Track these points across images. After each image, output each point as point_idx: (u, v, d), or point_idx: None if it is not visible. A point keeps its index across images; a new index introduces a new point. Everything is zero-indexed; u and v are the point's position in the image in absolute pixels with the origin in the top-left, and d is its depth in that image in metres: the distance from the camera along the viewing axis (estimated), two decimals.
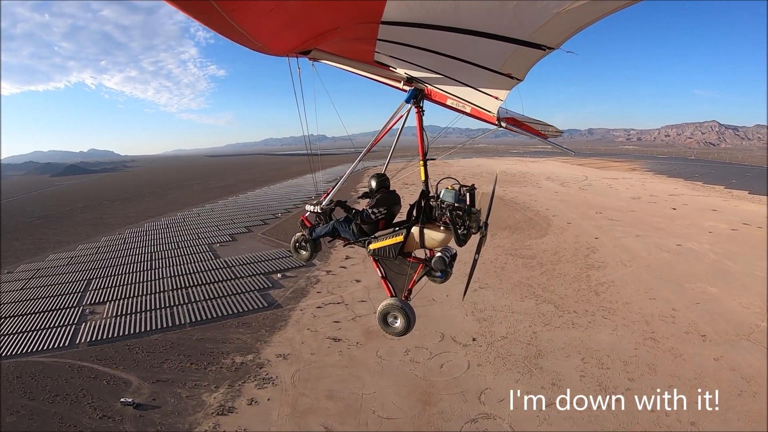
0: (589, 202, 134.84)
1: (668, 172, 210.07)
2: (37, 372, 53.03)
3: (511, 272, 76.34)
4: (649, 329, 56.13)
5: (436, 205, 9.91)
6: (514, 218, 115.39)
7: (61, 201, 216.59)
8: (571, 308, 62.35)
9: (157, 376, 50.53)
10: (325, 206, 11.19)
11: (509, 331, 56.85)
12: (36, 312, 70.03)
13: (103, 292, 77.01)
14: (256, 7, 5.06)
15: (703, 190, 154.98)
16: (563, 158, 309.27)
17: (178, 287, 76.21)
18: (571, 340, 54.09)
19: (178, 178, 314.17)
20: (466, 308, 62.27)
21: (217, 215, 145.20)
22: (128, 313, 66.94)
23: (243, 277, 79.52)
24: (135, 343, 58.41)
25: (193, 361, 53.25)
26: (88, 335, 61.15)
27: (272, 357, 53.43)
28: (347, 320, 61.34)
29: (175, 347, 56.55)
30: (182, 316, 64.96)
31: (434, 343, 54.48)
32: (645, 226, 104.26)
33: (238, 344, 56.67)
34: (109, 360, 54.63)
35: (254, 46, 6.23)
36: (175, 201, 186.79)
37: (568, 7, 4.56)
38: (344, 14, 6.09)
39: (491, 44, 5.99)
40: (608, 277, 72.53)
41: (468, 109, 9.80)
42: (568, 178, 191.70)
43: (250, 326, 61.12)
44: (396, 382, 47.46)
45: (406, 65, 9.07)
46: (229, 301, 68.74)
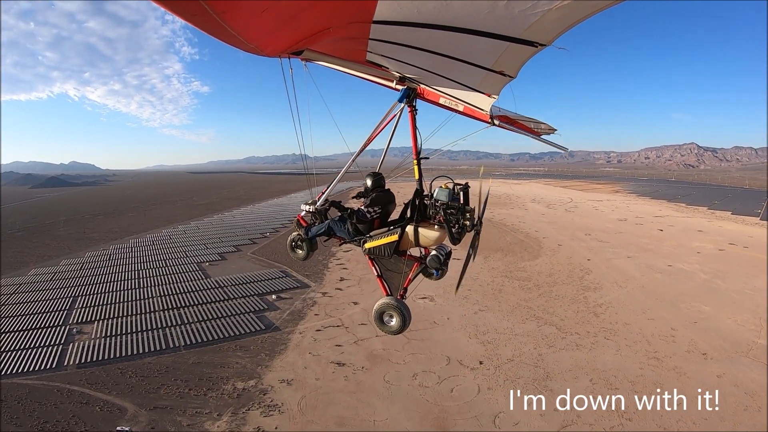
0: (577, 224, 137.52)
1: (651, 194, 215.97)
2: (23, 395, 50.38)
3: (509, 294, 76.65)
4: (652, 349, 57.15)
5: (431, 203, 9.91)
6: (505, 240, 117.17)
7: (42, 213, 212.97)
8: (573, 330, 62.93)
9: (154, 403, 48.16)
10: (320, 206, 11.13)
11: (515, 353, 56.83)
12: (20, 329, 67.29)
13: (90, 310, 74.38)
14: (248, 9, 5.02)
15: (687, 212, 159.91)
16: (546, 180, 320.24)
17: (170, 307, 73.83)
18: (577, 362, 54.41)
19: (161, 194, 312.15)
20: (468, 331, 62.43)
21: (204, 233, 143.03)
22: (118, 334, 64.46)
23: (236, 298, 77.47)
24: (127, 366, 55.93)
25: (191, 386, 51.01)
26: (76, 357, 58.59)
27: (275, 382, 51.58)
28: (349, 344, 60.01)
29: (171, 371, 54.22)
30: (176, 338, 62.66)
31: (441, 366, 53.99)
32: (634, 247, 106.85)
33: (238, 369, 54.61)
34: (101, 384, 52.11)
35: (246, 47, 6.19)
36: (159, 217, 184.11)
37: (559, 4, 4.53)
38: (336, 14, 6.07)
39: (483, 42, 6.00)
40: (605, 299, 73.71)
41: (461, 108, 9.86)
42: (554, 200, 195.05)
43: (249, 350, 59.11)
44: (407, 408, 46.61)
45: (399, 64, 8.95)
46: (224, 323, 66.64)
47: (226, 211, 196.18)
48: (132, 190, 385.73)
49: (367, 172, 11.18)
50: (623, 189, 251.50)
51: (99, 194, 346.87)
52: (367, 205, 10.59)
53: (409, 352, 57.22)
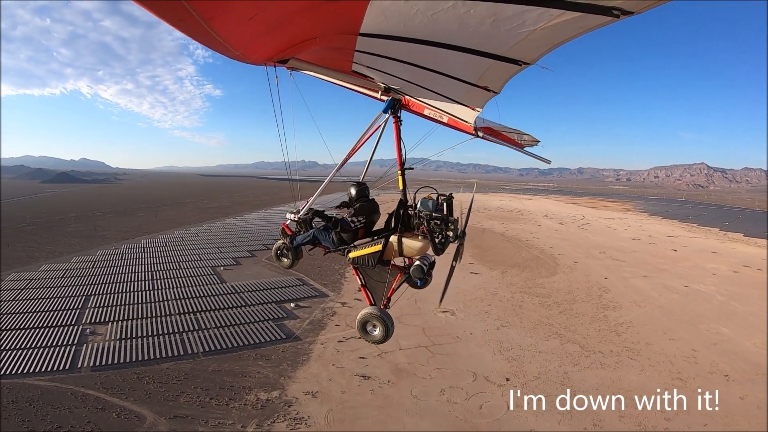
0: (591, 242, 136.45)
1: (662, 214, 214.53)
2: (35, 397, 48.41)
3: (529, 311, 75.83)
4: (675, 370, 56.59)
5: (415, 214, 10.14)
6: (521, 256, 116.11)
7: (52, 209, 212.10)
8: (596, 348, 62.17)
9: (174, 412, 46.32)
10: (304, 215, 11.41)
11: (541, 371, 55.94)
12: (31, 327, 65.49)
13: (103, 310, 72.56)
14: (235, 15, 4.92)
15: (699, 232, 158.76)
16: (556, 196, 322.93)
17: (186, 311, 72.08)
18: (602, 381, 53.68)
19: (171, 195, 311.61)
20: (492, 347, 61.72)
21: (217, 237, 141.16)
22: (133, 337, 62.71)
23: (254, 304, 75.66)
24: (144, 371, 54.14)
25: (212, 395, 49.24)
26: (90, 359, 56.74)
27: (300, 394, 50.00)
28: (373, 356, 58.50)
29: (191, 379, 52.45)
30: (194, 344, 60.93)
31: (468, 382, 52.83)
32: (649, 267, 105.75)
33: (260, 379, 52.91)
34: (117, 389, 50.24)
35: (232, 55, 6.17)
36: (170, 218, 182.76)
37: (543, 25, 4.70)
38: (323, 25, 6.13)
39: (468, 58, 6.11)
40: (625, 318, 72.86)
41: (445, 119, 10.13)
42: (566, 217, 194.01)
43: (270, 359, 57.42)
44: (437, 425, 45.44)
45: (384, 76, 9.16)
46: (243, 330, 64.90)
47: (238, 215, 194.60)
48: (142, 189, 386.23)
49: (351, 183, 11.32)
50: (634, 207, 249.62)
51: (109, 192, 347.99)
52: (351, 214, 10.79)
53: (434, 367, 56.13)
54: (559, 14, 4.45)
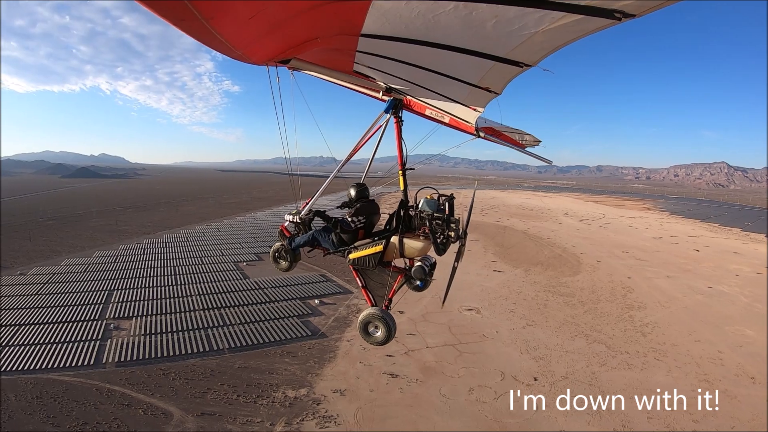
0: (613, 241, 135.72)
1: (683, 213, 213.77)
2: (59, 393, 48.04)
3: (554, 310, 75.47)
4: (701, 371, 56.43)
5: (416, 214, 9.97)
6: (543, 254, 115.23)
7: (73, 203, 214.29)
8: (623, 349, 61.80)
9: (202, 409, 45.84)
10: (304, 216, 11.22)
11: (568, 371, 55.69)
12: (55, 322, 65.34)
13: (126, 305, 72.43)
14: (236, 15, 4.93)
15: (720, 232, 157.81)
16: (576, 194, 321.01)
17: (210, 307, 71.74)
18: (630, 382, 53.33)
19: (191, 191, 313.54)
20: (519, 346, 61.77)
21: (238, 232, 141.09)
22: (158, 333, 62.40)
23: (278, 300, 75.22)
24: (170, 367, 53.69)
25: (239, 392, 48.70)
26: (115, 354, 56.52)
27: (328, 392, 49.53)
28: (400, 354, 58.18)
29: (217, 375, 51.94)
30: (219, 340, 60.52)
31: (496, 382, 52.72)
32: (673, 267, 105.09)
33: (287, 376, 52.38)
34: (143, 385, 49.80)
35: (233, 54, 6.10)
36: (191, 214, 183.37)
37: (545, 27, 4.65)
38: (324, 25, 6.07)
39: (469, 59, 6.04)
40: (650, 318, 72.56)
41: (447, 120, 10.09)
42: (586, 215, 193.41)
43: (297, 356, 56.92)
44: (468, 424, 45.19)
45: (386, 76, 9.08)
46: (268, 327, 64.40)
47: (259, 211, 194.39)
48: (162, 185, 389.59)
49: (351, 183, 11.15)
50: (655, 206, 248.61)
51: (129, 187, 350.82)
52: (352, 215, 10.62)
53: (461, 366, 55.74)
54: (561, 17, 4.40)
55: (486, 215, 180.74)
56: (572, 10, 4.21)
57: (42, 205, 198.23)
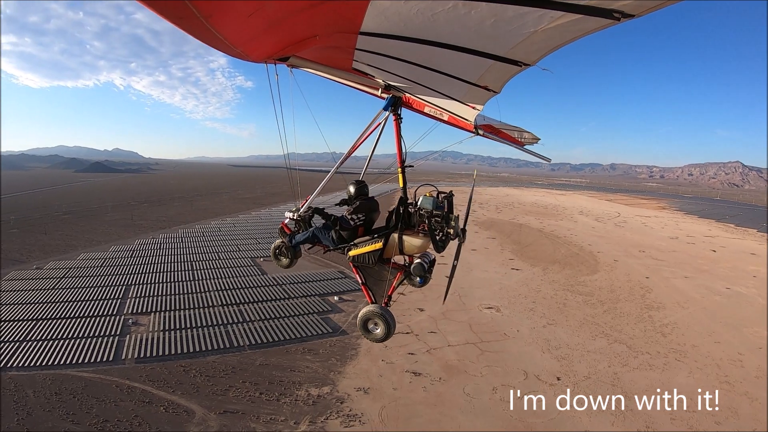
0: (629, 240, 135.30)
1: (698, 213, 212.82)
2: (78, 389, 47.60)
3: (573, 309, 75.28)
4: (722, 373, 56.32)
5: (415, 211, 9.86)
6: (560, 252, 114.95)
7: (88, 198, 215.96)
8: (644, 349, 61.76)
9: (224, 406, 45.35)
10: (304, 213, 11.31)
11: (591, 371, 55.56)
12: (72, 317, 65.18)
13: (144, 300, 72.14)
14: (235, 13, 4.92)
15: (736, 233, 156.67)
16: (590, 192, 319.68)
17: (229, 303, 71.33)
18: (652, 382, 52.96)
19: (205, 185, 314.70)
20: (540, 345, 61.88)
21: (254, 227, 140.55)
22: (177, 328, 62.04)
23: (297, 297, 74.73)
24: (190, 364, 53.29)
25: (261, 390, 48.22)
26: (134, 350, 56.14)
27: (351, 390, 49.12)
28: (422, 352, 57.94)
29: (238, 372, 51.49)
30: (239, 336, 60.09)
31: (519, 381, 52.53)
32: (689, 267, 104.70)
33: (310, 374, 51.99)
34: (163, 382, 49.37)
35: (233, 52, 6.10)
36: (206, 208, 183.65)
37: (544, 27, 4.63)
38: (323, 23, 6.05)
39: (468, 58, 6.05)
40: (670, 319, 72.45)
41: (445, 117, 10.07)
42: (602, 214, 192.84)
43: (318, 353, 56.49)
44: (493, 424, 44.93)
45: (384, 74, 9.11)
46: (288, 323, 63.93)
47: (273, 206, 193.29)
48: (176, 179, 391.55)
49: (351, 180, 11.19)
50: (669, 206, 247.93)
51: (143, 182, 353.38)
52: (351, 212, 10.61)
53: (484, 365, 55.46)
54: (559, 16, 4.37)
55: (501, 213, 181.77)
56: (571, 10, 4.22)
57: (57, 200, 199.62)
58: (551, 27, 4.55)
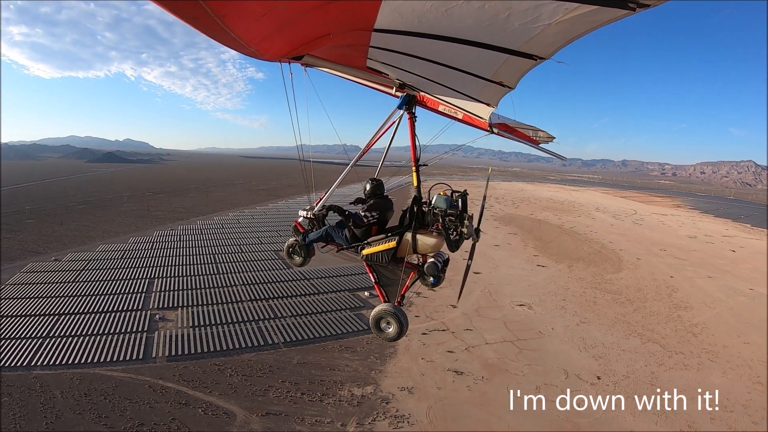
0: (648, 238, 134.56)
1: (714, 212, 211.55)
2: (109, 390, 45.74)
3: (604, 307, 75.00)
4: (754, 374, 56.14)
5: (429, 210, 9.88)
6: (583, 250, 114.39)
7: (102, 188, 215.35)
8: (677, 349, 61.57)
9: (266, 408, 43.77)
10: (318, 212, 11.23)
11: (629, 370, 55.30)
12: (96, 311, 63.46)
13: (170, 295, 70.69)
14: (249, 13, 4.85)
15: (754, 233, 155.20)
16: (603, 189, 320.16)
17: (257, 298, 69.85)
18: (689, 382, 52.94)
19: (218, 177, 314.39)
20: (576, 343, 61.34)
21: (273, 220, 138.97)
22: (206, 324, 60.62)
23: (327, 292, 73.29)
24: (224, 362, 51.76)
25: (303, 390, 46.79)
26: (164, 348, 54.54)
27: (395, 390, 48.01)
28: (461, 350, 57.17)
29: (276, 372, 49.98)
30: (273, 333, 58.59)
31: (561, 380, 52.09)
32: (711, 267, 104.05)
33: (350, 373, 50.66)
34: (198, 382, 47.73)
35: (246, 51, 5.96)
36: (222, 200, 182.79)
37: (559, 19, 4.62)
38: (336, 21, 6.02)
39: (482, 53, 6.01)
40: (698, 319, 72.65)
41: (460, 115, 10.07)
42: (618, 211, 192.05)
43: (356, 351, 55.17)
44: (540, 424, 44.49)
45: (399, 72, 8.94)
46: (322, 320, 62.56)
47: (290, 198, 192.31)
48: (188, 170, 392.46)
49: (366, 179, 11.20)
50: (684, 204, 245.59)
51: (156, 172, 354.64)
52: (365, 210, 10.59)
53: (524, 363, 54.96)
54: (574, 8, 4.26)
55: (518, 208, 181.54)
56: (586, 1, 4.14)
57: (71, 190, 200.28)
58: (566, 19, 4.51)
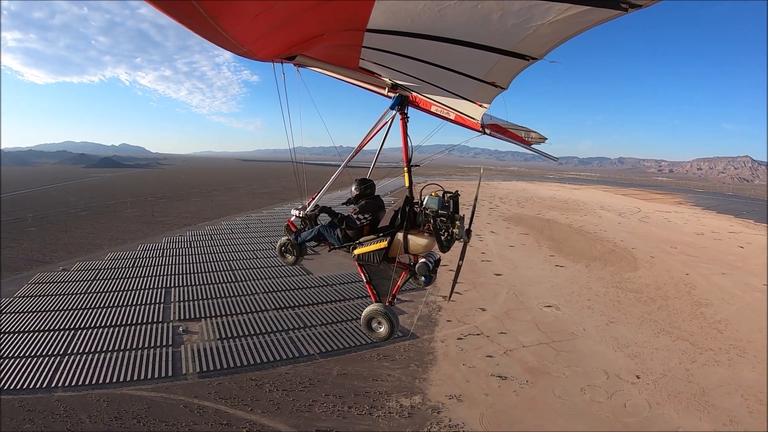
0: (657, 236, 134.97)
1: (715, 208, 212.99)
2: (142, 412, 42.49)
3: (629, 306, 75.22)
4: None
5: (420, 211, 10.16)
6: (597, 249, 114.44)
7: (102, 193, 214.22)
8: (706, 345, 61.72)
9: (315, 425, 41.43)
10: (310, 211, 11.45)
11: (665, 368, 55.19)
12: (114, 325, 60.52)
13: (190, 305, 68.24)
14: (242, 13, 4.97)
15: (758, 229, 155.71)
16: (604, 186, 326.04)
17: (282, 306, 67.70)
18: (722, 378, 53.39)
19: (218, 180, 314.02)
20: (610, 343, 61.08)
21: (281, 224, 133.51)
22: (234, 336, 58.30)
23: (352, 298, 71.30)
24: (261, 377, 49.23)
25: (349, 403, 44.75)
26: (194, 363, 51.81)
27: (443, 399, 46.60)
28: (499, 354, 56.50)
29: (317, 385, 47.82)
30: (305, 343, 56.54)
31: (602, 381, 51.97)
32: (724, 264, 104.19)
33: (394, 382, 48.94)
34: (237, 399, 45.02)
35: (239, 51, 6.12)
36: (226, 204, 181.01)
37: (551, 19, 4.67)
38: (330, 21, 6.16)
39: (475, 53, 6.09)
40: (721, 315, 72.60)
41: (452, 116, 10.36)
42: (622, 209, 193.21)
43: (395, 360, 53.49)
44: (592, 425, 44.02)
45: (391, 72, 9.15)
46: (352, 328, 60.52)
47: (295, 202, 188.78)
48: (187, 174, 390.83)
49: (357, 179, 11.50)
50: (685, 201, 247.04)
51: (154, 177, 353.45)
52: (357, 211, 10.93)
53: (564, 365, 54.49)
54: (566, 8, 4.33)
55: (524, 208, 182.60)
56: (578, 2, 4.17)
57: (71, 196, 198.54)
58: (558, 19, 4.49)
